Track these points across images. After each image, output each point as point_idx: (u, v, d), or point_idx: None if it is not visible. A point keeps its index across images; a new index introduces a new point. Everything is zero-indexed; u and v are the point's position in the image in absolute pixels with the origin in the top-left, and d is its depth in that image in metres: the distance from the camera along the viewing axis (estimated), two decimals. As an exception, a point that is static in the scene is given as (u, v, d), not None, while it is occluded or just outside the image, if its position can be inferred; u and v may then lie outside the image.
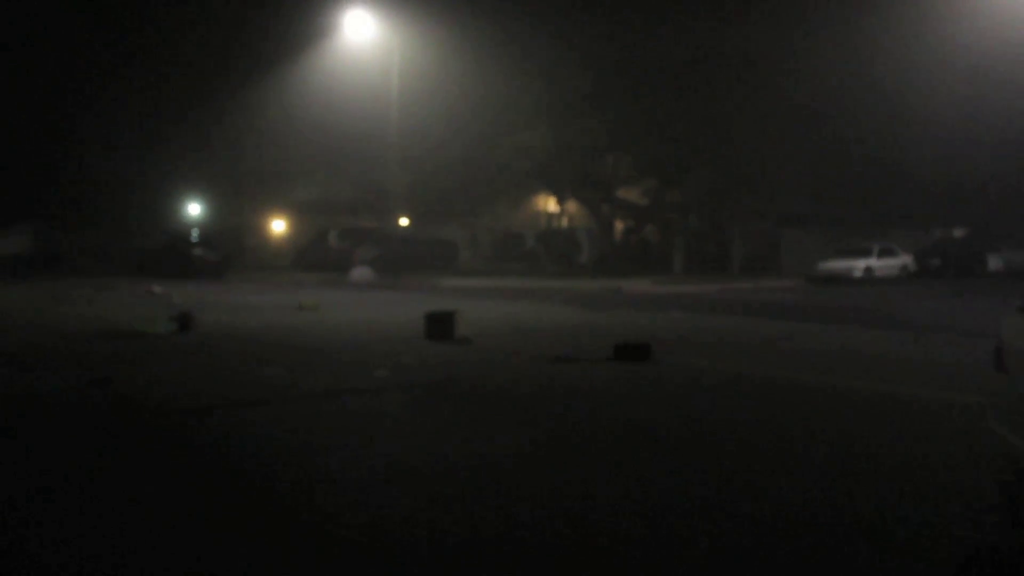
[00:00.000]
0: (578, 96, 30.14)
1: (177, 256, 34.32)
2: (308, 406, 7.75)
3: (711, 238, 33.83)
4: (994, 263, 31.20)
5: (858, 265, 29.42)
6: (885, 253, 30.57)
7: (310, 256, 39.46)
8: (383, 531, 4.43)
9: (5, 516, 4.69)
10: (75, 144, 36.99)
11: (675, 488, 5.11)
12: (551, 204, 40.45)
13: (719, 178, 31.46)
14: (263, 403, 7.85)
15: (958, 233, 35.69)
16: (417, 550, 4.19)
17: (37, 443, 6.36)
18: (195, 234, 38.55)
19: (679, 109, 29.65)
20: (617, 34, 29.56)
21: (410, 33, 29.92)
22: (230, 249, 38.72)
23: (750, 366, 10.01)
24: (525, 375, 9.40)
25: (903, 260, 31.08)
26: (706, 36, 29.13)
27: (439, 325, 12.76)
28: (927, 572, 3.97)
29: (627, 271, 31.58)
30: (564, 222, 41.00)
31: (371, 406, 7.74)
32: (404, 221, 43.22)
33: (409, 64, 30.07)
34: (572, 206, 39.95)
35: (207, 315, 15.84)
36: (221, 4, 33.38)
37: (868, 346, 12.09)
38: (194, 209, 45.84)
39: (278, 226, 50.66)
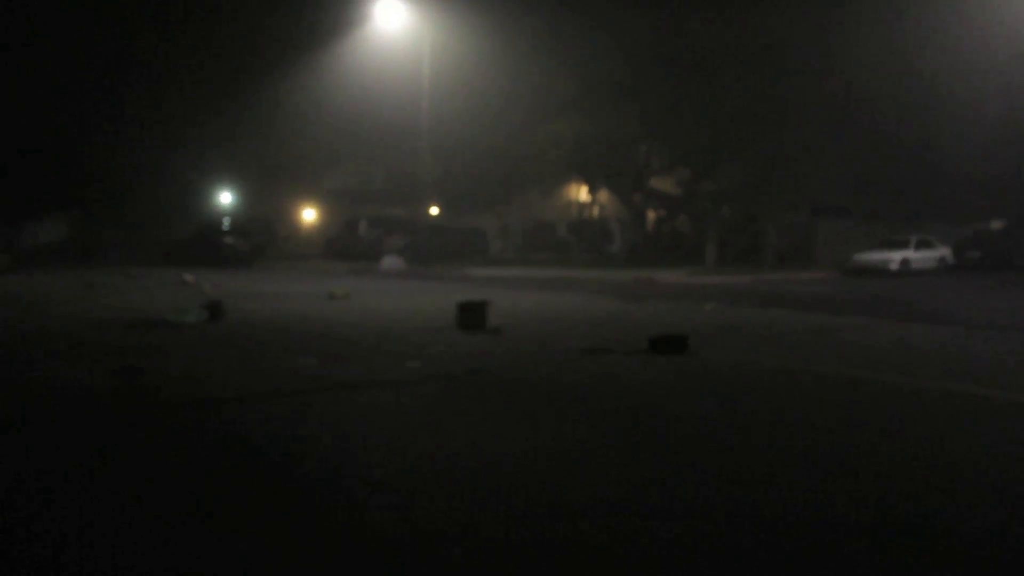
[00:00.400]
0: (611, 85, 29.77)
1: (208, 245, 34.40)
2: (339, 398, 7.59)
3: (744, 229, 33.34)
4: (1034, 255, 30.53)
5: (895, 257, 28.84)
6: (922, 245, 29.97)
7: (340, 245, 39.45)
8: (413, 530, 4.25)
9: None
10: (108, 134, 37.13)
11: (724, 497, 4.88)
12: (583, 194, 40.13)
13: (753, 168, 30.98)
14: (293, 394, 7.70)
15: (996, 225, 34.96)
16: (450, 549, 4.00)
17: (52, 435, 6.25)
18: (227, 223, 38.64)
19: (713, 98, 29.19)
20: (651, 22, 29.14)
21: (442, 21, 29.70)
22: (261, 238, 38.79)
23: (794, 360, 9.73)
24: (558, 367, 9.20)
25: (941, 252, 30.46)
26: (741, 23, 28.64)
27: (471, 315, 12.59)
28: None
29: (659, 262, 31.23)
30: (595, 212, 40.64)
31: (403, 398, 7.57)
32: (434, 210, 43.09)
33: (441, 52, 29.87)
34: (604, 196, 39.58)
35: (237, 304, 15.81)
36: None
37: (919, 340, 11.78)
38: (226, 198, 45.96)
39: (309, 215, 50.74)
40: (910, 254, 29.21)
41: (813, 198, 33.87)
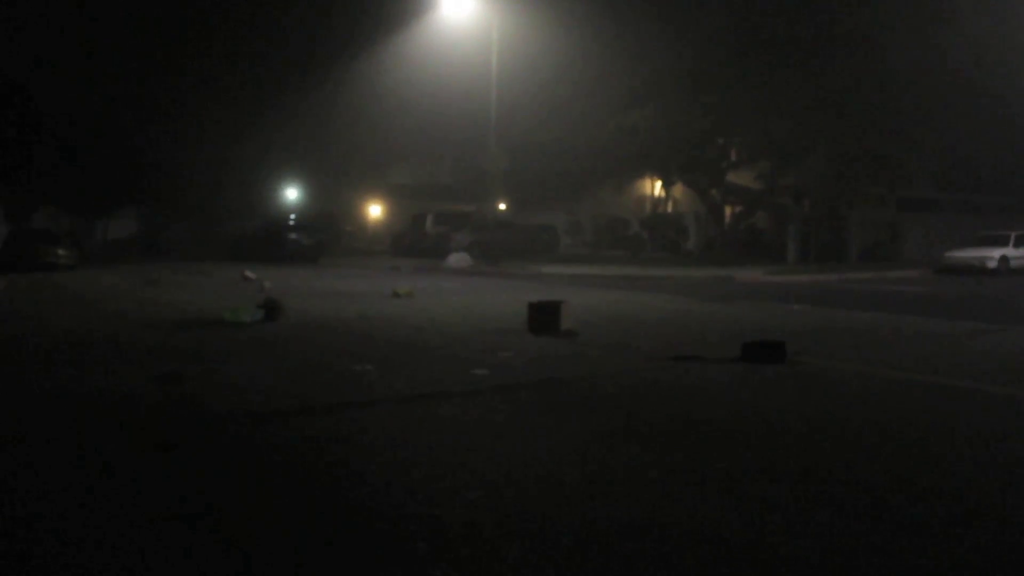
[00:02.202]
0: (688, 74, 28.46)
1: (272, 241, 34.02)
2: (397, 411, 6.71)
3: (827, 224, 31.74)
4: None
5: (992, 255, 26.98)
6: (1023, 242, 28.01)
7: (406, 241, 38.81)
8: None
9: None
10: (176, 131, 37.05)
11: (889, 546, 3.84)
12: (657, 188, 38.81)
13: (837, 160, 29.40)
14: (347, 407, 6.86)
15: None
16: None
17: (62, 454, 5.46)
18: (293, 219, 38.31)
19: (795, 86, 27.66)
20: (728, 8, 27.81)
21: (509, 9, 28.74)
22: (326, 234, 38.37)
23: (916, 370, 8.56)
24: (643, 377, 8.19)
25: (1043, 249, 28.48)
26: (823, 8, 27.12)
27: (543, 317, 11.62)
28: None
29: (737, 259, 29.87)
30: (670, 207, 39.33)
31: (469, 412, 6.64)
32: (503, 206, 42.26)
33: (508, 42, 28.88)
34: (679, 191, 38.26)
35: (297, 302, 15.12)
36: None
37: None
38: (292, 194, 45.76)
39: (375, 211, 50.37)
40: (1009, 251, 27.31)
41: (901, 191, 32.14)
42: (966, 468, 5.13)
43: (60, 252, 28.75)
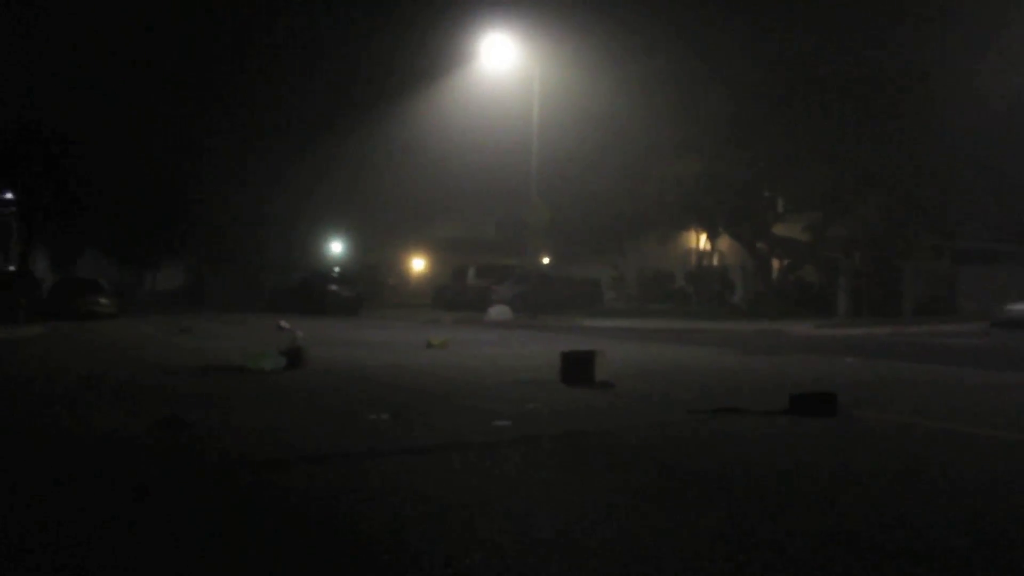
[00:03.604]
0: (731, 123, 27.88)
1: (312, 292, 33.89)
2: (405, 463, 6.13)
3: (879, 277, 30.68)
4: None
5: (1054, 308, 25.76)
6: (1086, 295, 26.70)
7: (448, 294, 38.42)
8: None
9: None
10: (220, 184, 37.38)
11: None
12: (702, 241, 38.03)
13: (889, 210, 28.47)
14: (350, 457, 6.32)
15: None
16: None
17: (42, 487, 4.94)
18: (336, 271, 38.24)
19: (844, 134, 26.93)
20: (773, 57, 27.29)
21: (551, 60, 28.48)
22: (368, 286, 38.20)
23: (978, 424, 7.78)
24: (679, 431, 7.52)
25: (1108, 304, 27.14)
26: (872, 51, 26.42)
27: (577, 367, 10.98)
28: None
29: (785, 313, 28.91)
30: (716, 260, 38.49)
31: (483, 465, 6.04)
32: (546, 259, 41.79)
33: (550, 92, 28.57)
34: (724, 243, 37.44)
35: (326, 351, 14.74)
36: (359, 34, 33.05)
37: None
38: (335, 247, 45.85)
39: (418, 264, 50.25)
40: (1072, 305, 26.06)
41: (957, 242, 31.03)
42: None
43: (102, 301, 28.86)
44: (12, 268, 36.33)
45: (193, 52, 33.80)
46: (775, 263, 34.25)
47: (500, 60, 28.49)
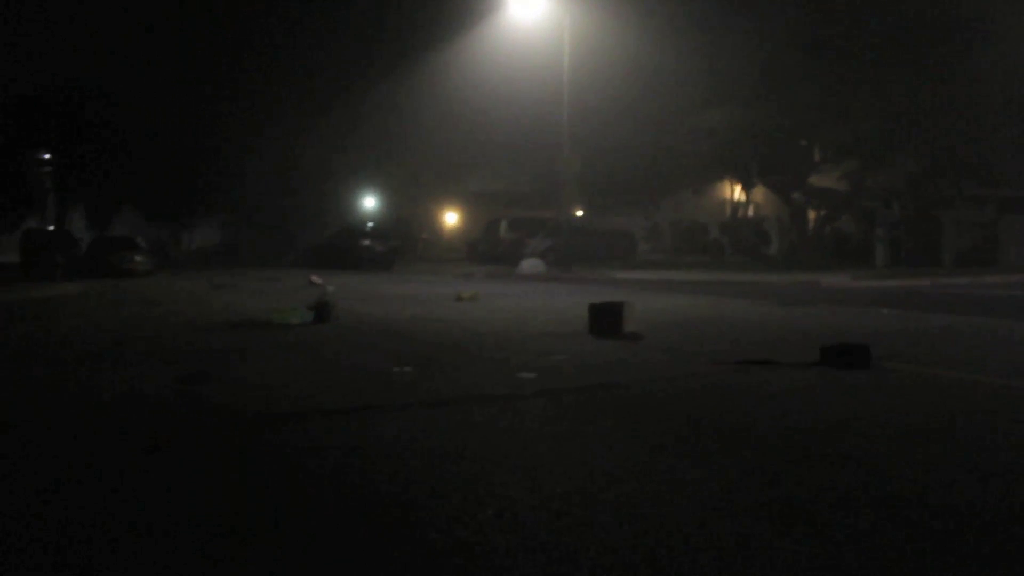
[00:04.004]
0: (766, 71, 27.23)
1: (345, 248, 33.96)
2: (424, 416, 6.04)
3: (918, 227, 30.07)
4: None
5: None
6: None
7: (481, 247, 38.33)
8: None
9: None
10: (254, 140, 37.36)
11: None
12: (736, 192, 37.50)
13: (930, 158, 27.79)
14: (370, 409, 6.24)
15: None
16: None
17: (57, 443, 4.92)
18: (370, 226, 38.27)
19: (884, 81, 26.20)
20: (809, 2, 26.53)
21: (581, 9, 27.92)
22: (401, 240, 38.17)
23: (1019, 379, 7.54)
24: (706, 382, 7.36)
25: None
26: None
27: (604, 318, 10.85)
28: None
29: (821, 264, 28.50)
30: (751, 211, 37.98)
31: (504, 418, 5.94)
32: (579, 212, 41.46)
33: (580, 42, 28.03)
34: (759, 194, 36.91)
35: (356, 305, 14.73)
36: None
37: None
38: (369, 202, 45.83)
39: (451, 217, 50.12)
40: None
41: (1000, 191, 30.27)
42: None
43: (138, 259, 29.12)
44: (50, 227, 36.74)
45: (223, 7, 33.62)
46: (811, 214, 33.73)
47: (529, 8, 27.99)
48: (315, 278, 22.12)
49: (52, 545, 3.56)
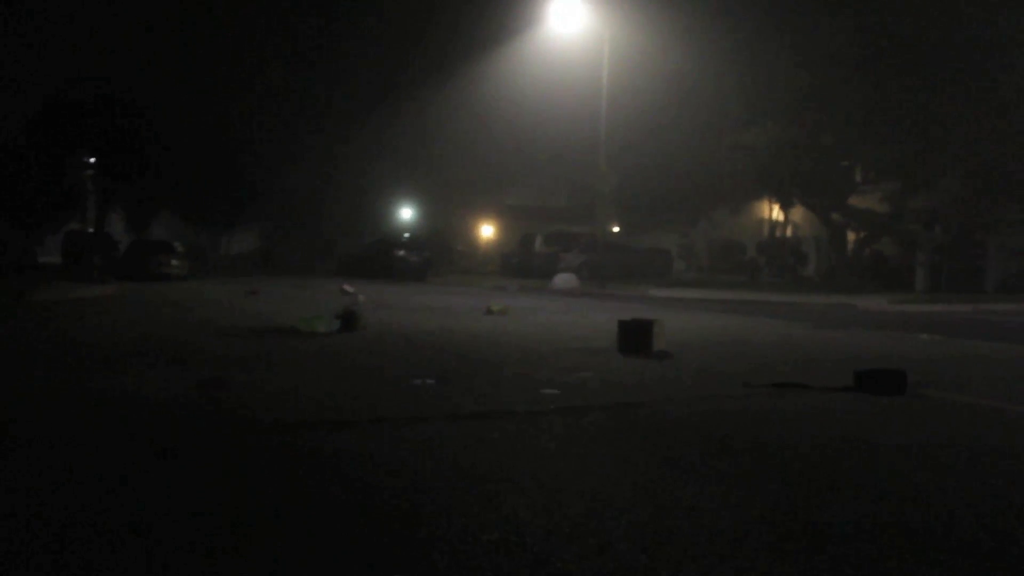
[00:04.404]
0: (807, 88, 26.86)
1: (380, 258, 34.05)
2: (440, 430, 5.89)
3: (961, 251, 29.48)
4: None
5: None
6: None
7: (515, 261, 38.24)
8: None
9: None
10: (293, 149, 37.64)
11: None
12: (775, 211, 37.07)
13: (973, 181, 27.23)
14: (386, 421, 6.10)
15: None
16: None
17: (74, 449, 4.83)
18: (406, 237, 38.36)
19: (927, 101, 25.76)
20: (853, 22, 26.14)
21: (620, 24, 27.73)
22: (436, 252, 38.20)
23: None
24: (733, 406, 7.14)
25: None
26: (957, 14, 25.11)
27: (634, 336, 10.64)
28: None
29: (859, 287, 28.02)
30: (788, 231, 37.54)
31: (521, 435, 5.77)
32: (616, 228, 41.23)
33: (619, 57, 27.85)
34: (798, 213, 36.45)
35: (384, 315, 14.67)
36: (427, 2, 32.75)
37: None
38: (407, 212, 45.98)
39: (487, 231, 50.11)
40: None
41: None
42: None
43: (174, 263, 29.40)
44: (91, 230, 37.18)
45: (266, 18, 33.93)
46: (850, 235, 33.24)
47: (569, 23, 27.87)
48: (347, 287, 22.10)
49: (54, 542, 3.45)
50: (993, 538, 3.85)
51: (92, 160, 34.85)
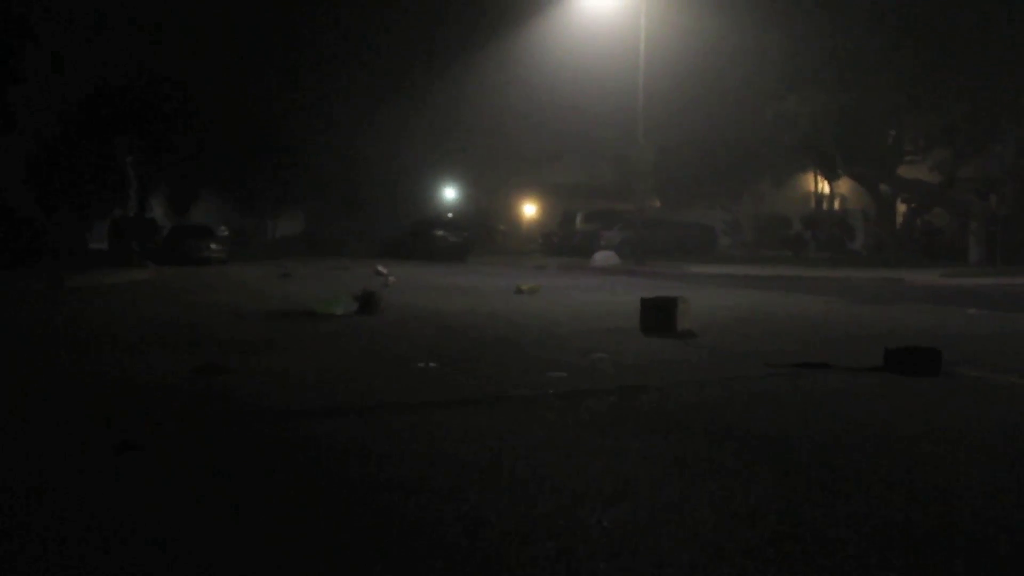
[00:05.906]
0: (851, 55, 25.90)
1: (420, 238, 33.82)
2: (434, 416, 5.61)
3: (1017, 221, 28.35)
4: None
5: None
6: None
7: (556, 239, 37.81)
8: None
9: None
10: (334, 131, 37.58)
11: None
12: (821, 184, 36.08)
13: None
14: (383, 408, 5.88)
15: None
16: None
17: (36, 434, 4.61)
18: (449, 216, 38.15)
19: (979, 65, 24.68)
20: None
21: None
22: (478, 232, 37.90)
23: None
24: (750, 388, 6.73)
25: None
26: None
27: (656, 315, 10.25)
28: None
29: (909, 260, 27.13)
30: (835, 204, 36.53)
31: (516, 421, 5.45)
32: (657, 204, 40.52)
33: (657, 27, 27.13)
34: (845, 185, 35.42)
35: (410, 296, 14.45)
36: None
37: None
38: (449, 192, 45.77)
39: (530, 209, 49.72)
40: None
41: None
42: None
43: (213, 247, 29.45)
44: (131, 215, 37.52)
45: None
46: (900, 207, 32.23)
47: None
48: (381, 268, 21.91)
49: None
50: (1012, 543, 3.43)
51: (133, 144, 35.07)
